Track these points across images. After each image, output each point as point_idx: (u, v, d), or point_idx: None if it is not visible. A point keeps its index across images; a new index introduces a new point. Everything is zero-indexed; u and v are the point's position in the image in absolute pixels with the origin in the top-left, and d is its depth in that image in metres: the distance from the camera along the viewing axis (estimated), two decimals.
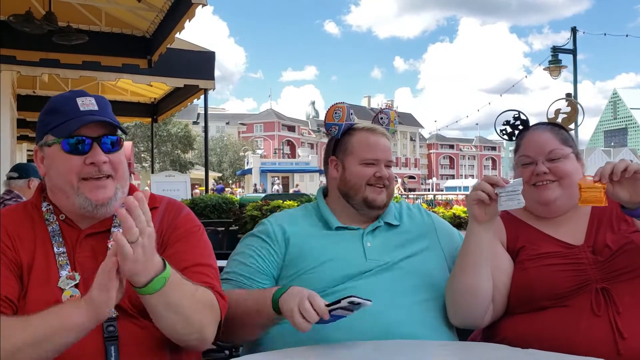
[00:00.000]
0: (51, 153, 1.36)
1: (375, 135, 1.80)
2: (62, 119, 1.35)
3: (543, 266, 1.56)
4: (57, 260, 1.32)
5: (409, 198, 23.51)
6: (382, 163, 1.77)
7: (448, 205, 5.23)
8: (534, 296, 1.54)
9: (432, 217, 1.90)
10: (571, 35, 14.87)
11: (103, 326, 1.27)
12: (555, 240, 1.62)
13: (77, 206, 1.34)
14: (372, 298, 1.53)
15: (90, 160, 1.34)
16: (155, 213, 1.43)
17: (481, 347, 1.41)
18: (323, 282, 1.59)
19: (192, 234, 1.44)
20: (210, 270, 1.40)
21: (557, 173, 1.64)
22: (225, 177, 53.20)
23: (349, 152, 1.79)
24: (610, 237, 1.58)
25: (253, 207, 6.40)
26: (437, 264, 1.75)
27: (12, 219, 1.37)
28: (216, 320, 1.33)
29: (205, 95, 8.29)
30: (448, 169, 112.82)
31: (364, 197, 1.74)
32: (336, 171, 1.81)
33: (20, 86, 9.25)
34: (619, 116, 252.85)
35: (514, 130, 1.78)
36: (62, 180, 1.34)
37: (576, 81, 14.87)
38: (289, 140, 79.40)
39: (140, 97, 10.19)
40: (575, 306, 1.50)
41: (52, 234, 1.36)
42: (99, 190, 1.34)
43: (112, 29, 6.19)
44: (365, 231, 1.74)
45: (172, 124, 41.98)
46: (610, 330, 1.44)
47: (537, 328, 1.52)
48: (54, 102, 1.41)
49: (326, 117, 1.82)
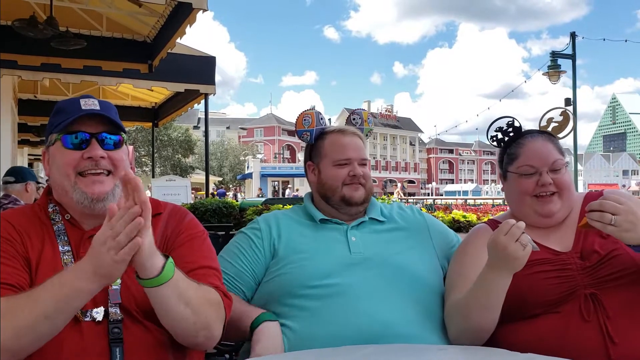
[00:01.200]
0: (53, 150, 1.40)
1: (346, 135, 1.83)
2: (63, 117, 1.38)
3: (532, 274, 1.54)
4: (62, 259, 1.33)
5: (408, 202, 23.52)
6: (355, 162, 1.79)
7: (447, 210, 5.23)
8: (525, 304, 1.54)
9: (424, 216, 1.91)
10: (570, 41, 14.91)
11: (108, 328, 1.28)
12: (543, 248, 1.60)
13: (75, 201, 1.36)
14: (363, 295, 1.56)
15: (88, 154, 1.35)
16: (160, 219, 1.44)
17: (481, 351, 1.41)
18: (308, 275, 1.61)
19: (196, 238, 1.45)
20: (214, 273, 1.41)
21: (558, 184, 1.64)
22: (225, 182, 53.21)
23: (322, 155, 1.83)
24: (598, 242, 1.56)
25: (253, 212, 6.41)
26: (428, 262, 1.75)
27: (21, 218, 1.39)
28: (222, 318, 1.34)
29: (205, 99, 8.31)
30: (447, 174, 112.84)
31: (341, 195, 1.77)
32: (314, 175, 1.86)
33: (21, 90, 9.28)
34: (618, 121, 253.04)
35: (504, 137, 1.75)
36: (60, 175, 1.37)
37: (575, 86, 14.90)
38: (289, 145, 79.47)
39: (141, 101, 10.22)
40: (565, 312, 1.49)
41: (58, 232, 1.37)
42: (95, 184, 1.35)
43: (113, 33, 6.22)
44: (349, 226, 1.76)
45: (173, 129, 42.06)
46: (600, 335, 1.43)
47: (530, 335, 1.52)
48: (60, 104, 1.44)
49: (296, 125, 1.87)
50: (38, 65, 6.23)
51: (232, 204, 7.47)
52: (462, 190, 69.00)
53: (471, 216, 4.79)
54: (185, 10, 4.83)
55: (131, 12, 5.69)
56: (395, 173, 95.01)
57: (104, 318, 1.29)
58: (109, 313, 1.29)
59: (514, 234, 1.36)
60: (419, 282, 1.66)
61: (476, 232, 1.77)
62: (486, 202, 23.26)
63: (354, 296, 1.56)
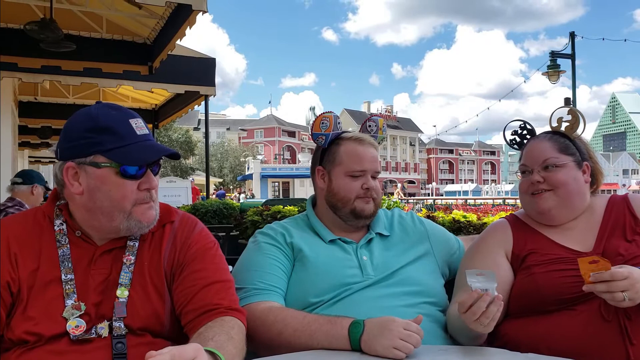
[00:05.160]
0: (101, 175, 1.30)
1: (363, 145, 1.75)
2: (120, 143, 1.30)
3: (549, 272, 1.55)
4: (65, 289, 1.29)
5: (408, 203, 23.50)
6: (369, 174, 1.74)
7: (448, 210, 5.23)
8: (540, 301, 1.54)
9: (424, 224, 1.88)
10: (569, 40, 14.92)
11: (112, 343, 1.27)
12: (562, 247, 1.61)
13: (122, 228, 1.33)
14: (368, 307, 1.53)
15: (146, 186, 1.34)
16: (171, 227, 1.43)
17: (481, 351, 1.41)
18: (320, 292, 1.59)
19: (207, 250, 1.43)
20: (227, 286, 1.40)
21: (550, 182, 1.65)
22: (226, 183, 53.18)
23: (336, 162, 1.75)
24: (623, 246, 1.56)
25: (254, 213, 6.41)
26: (430, 270, 1.75)
27: (17, 230, 1.34)
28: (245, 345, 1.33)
29: (206, 101, 8.30)
30: (447, 174, 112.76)
31: (352, 208, 1.72)
32: (323, 181, 1.78)
33: (21, 93, 9.28)
34: (617, 120, 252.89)
35: (523, 140, 1.80)
36: (112, 205, 1.31)
37: (575, 86, 14.91)
38: (289, 146, 79.43)
39: (141, 103, 10.22)
40: (584, 311, 1.48)
41: (62, 258, 1.32)
42: (150, 211, 1.35)
43: (113, 35, 6.22)
44: (359, 245, 1.72)
45: (173, 130, 42.10)
46: (620, 336, 1.42)
47: (543, 331, 1.52)
48: (106, 121, 1.31)
49: (313, 127, 1.77)
50: (38, 67, 6.24)
51: (233, 205, 7.48)
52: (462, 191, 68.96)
53: (471, 216, 4.77)
54: (185, 11, 4.82)
55: (131, 14, 5.70)
56: (395, 173, 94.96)
57: (108, 333, 1.28)
58: (113, 327, 1.28)
59: (475, 313, 1.34)
60: (424, 293, 1.66)
61: (493, 229, 1.79)
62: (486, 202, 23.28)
63: (359, 308, 1.54)
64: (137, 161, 1.31)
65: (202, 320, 1.30)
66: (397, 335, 1.33)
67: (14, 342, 1.26)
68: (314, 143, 1.80)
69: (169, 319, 1.36)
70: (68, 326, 1.26)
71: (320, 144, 1.78)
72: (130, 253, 1.37)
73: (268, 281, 1.60)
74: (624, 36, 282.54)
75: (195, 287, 1.35)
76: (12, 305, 1.28)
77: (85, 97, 9.35)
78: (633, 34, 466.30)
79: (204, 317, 1.31)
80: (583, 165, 1.70)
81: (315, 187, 1.84)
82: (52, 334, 1.25)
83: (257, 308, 1.52)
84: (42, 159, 17.03)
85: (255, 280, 1.60)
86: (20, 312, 1.27)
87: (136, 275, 1.34)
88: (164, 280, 1.37)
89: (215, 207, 7.14)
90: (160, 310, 1.34)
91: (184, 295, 1.35)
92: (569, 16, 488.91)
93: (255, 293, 1.57)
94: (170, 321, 1.36)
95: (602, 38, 19.08)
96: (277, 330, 1.47)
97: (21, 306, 1.27)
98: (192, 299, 1.34)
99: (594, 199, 1.74)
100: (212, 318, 1.30)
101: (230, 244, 6.33)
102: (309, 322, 1.46)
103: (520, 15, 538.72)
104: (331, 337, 1.40)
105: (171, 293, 1.37)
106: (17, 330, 1.25)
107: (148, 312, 1.32)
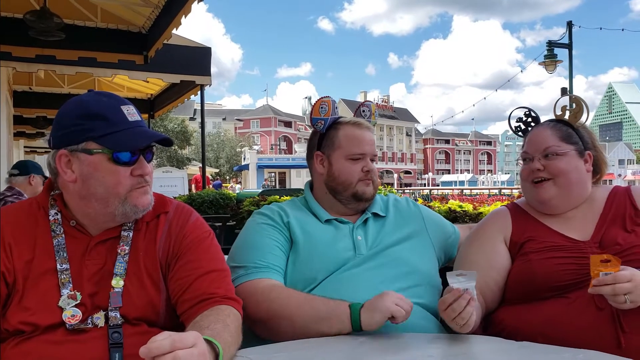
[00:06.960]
0: (93, 161, 1.30)
1: (362, 129, 1.78)
2: (111, 129, 1.30)
3: (546, 259, 1.56)
4: (60, 278, 1.29)
5: (405, 193, 23.56)
6: (369, 157, 1.77)
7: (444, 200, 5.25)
8: (535, 287, 1.55)
9: (419, 207, 1.91)
10: (567, 30, 14.88)
11: (108, 333, 1.27)
12: (561, 235, 1.62)
13: (117, 213, 1.33)
14: (359, 287, 1.55)
15: (139, 172, 1.33)
16: (166, 217, 1.43)
17: (476, 339, 1.42)
18: (313, 272, 1.61)
19: (202, 240, 1.43)
20: (222, 275, 1.40)
21: (550, 171, 1.66)
22: (222, 173, 53.13)
23: (335, 146, 1.78)
24: (622, 235, 1.57)
25: (250, 203, 6.42)
26: (423, 251, 1.76)
27: (12, 221, 1.34)
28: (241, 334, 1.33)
29: (201, 91, 8.28)
30: (444, 164, 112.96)
31: (354, 191, 1.74)
32: (322, 166, 1.80)
33: (16, 82, 9.22)
34: (614, 110, 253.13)
35: (527, 128, 1.80)
36: (106, 191, 1.31)
37: (572, 75, 14.91)
38: (285, 136, 79.32)
39: (136, 93, 10.17)
40: (577, 299, 1.49)
41: (57, 248, 1.32)
42: (145, 196, 1.35)
43: (108, 24, 6.16)
44: (355, 225, 1.74)
45: (169, 120, 41.91)
46: (613, 324, 1.44)
47: (538, 317, 1.53)
48: (97, 107, 1.31)
49: (312, 112, 1.80)
50: (33, 56, 6.17)
51: (229, 196, 7.49)
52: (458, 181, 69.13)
53: (467, 206, 4.80)
54: (180, 0, 4.79)
55: (126, 2, 5.65)
56: (391, 164, 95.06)
57: (104, 323, 1.28)
58: (109, 317, 1.28)
59: (455, 311, 1.35)
60: (417, 273, 1.66)
61: (493, 216, 1.79)
62: (482, 192, 23.37)
63: (353, 288, 1.56)
64: (129, 147, 1.31)
65: (198, 309, 1.31)
66: (393, 300, 1.40)
67: (10, 333, 1.26)
68: (313, 128, 1.82)
69: (164, 308, 1.36)
70: (64, 315, 1.26)
71: (319, 129, 1.80)
72: (124, 243, 1.36)
73: (268, 260, 1.62)
74: (621, 26, 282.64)
75: (190, 276, 1.35)
76: (7, 295, 1.28)
77: (80, 86, 9.29)
78: (629, 23, 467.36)
79: (200, 306, 1.31)
80: (585, 155, 1.70)
81: (313, 172, 1.85)
82: (48, 323, 1.25)
83: (259, 285, 1.55)
84: (37, 149, 16.95)
85: (256, 259, 1.62)
86: (16, 302, 1.27)
87: (131, 265, 1.34)
88: (159, 270, 1.37)
89: (211, 197, 7.15)
90: (155, 300, 1.34)
91: (180, 284, 1.35)
92: (566, 6, 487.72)
93: (257, 271, 1.59)
94: (166, 311, 1.36)
95: (600, 27, 19.04)
96: (279, 305, 1.49)
97: (17, 296, 1.27)
98: (188, 289, 1.34)
99: (595, 188, 1.74)
100: (208, 307, 1.31)
101: (226, 234, 6.35)
102: (312, 297, 1.51)
103: (516, 5, 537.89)
104: (333, 308, 1.44)
105: (166, 283, 1.38)
106: (13, 321, 1.25)
107: (144, 302, 1.32)
